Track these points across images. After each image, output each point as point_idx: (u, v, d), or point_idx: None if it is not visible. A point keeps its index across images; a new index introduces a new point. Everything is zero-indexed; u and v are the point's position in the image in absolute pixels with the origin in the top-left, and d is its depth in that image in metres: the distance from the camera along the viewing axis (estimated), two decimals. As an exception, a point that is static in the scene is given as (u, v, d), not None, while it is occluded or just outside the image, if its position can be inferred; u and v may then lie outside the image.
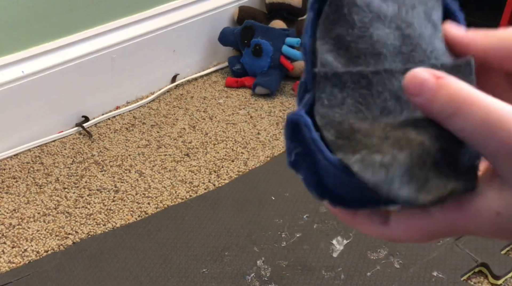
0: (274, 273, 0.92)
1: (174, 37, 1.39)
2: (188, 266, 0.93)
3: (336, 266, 0.92)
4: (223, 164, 1.16)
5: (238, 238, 0.98)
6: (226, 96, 1.38)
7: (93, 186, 1.11)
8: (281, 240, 0.98)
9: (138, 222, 1.02)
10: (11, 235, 1.00)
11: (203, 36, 1.45)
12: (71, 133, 1.26)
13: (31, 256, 0.96)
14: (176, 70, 1.43)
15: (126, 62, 1.31)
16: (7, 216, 1.04)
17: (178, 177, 1.13)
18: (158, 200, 1.07)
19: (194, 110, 1.33)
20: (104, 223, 1.03)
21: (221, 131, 1.26)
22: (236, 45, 1.43)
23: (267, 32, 1.37)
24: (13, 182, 1.12)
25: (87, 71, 1.25)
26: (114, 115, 1.31)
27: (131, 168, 1.16)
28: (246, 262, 0.94)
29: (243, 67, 1.41)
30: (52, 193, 1.09)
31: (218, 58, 1.51)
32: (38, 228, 1.02)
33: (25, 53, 1.16)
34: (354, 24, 0.30)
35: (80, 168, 1.15)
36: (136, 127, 1.28)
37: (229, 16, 1.48)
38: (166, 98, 1.38)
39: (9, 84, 1.14)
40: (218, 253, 0.96)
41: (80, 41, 1.23)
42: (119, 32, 1.29)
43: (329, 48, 0.30)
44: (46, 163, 1.17)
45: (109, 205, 1.06)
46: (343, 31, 0.30)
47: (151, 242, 0.98)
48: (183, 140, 1.23)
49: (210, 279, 0.91)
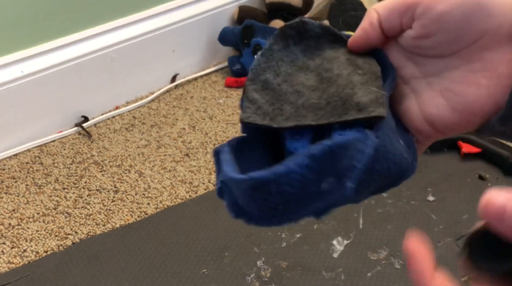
0: (274, 273, 0.92)
1: (174, 37, 1.38)
2: (188, 266, 0.93)
3: (337, 267, 0.92)
4: (223, 164, 1.16)
5: (238, 238, 0.98)
6: (226, 96, 1.38)
7: (93, 186, 1.11)
8: (281, 240, 0.97)
9: (137, 222, 1.02)
10: (11, 235, 1.00)
11: (203, 36, 1.45)
12: (70, 133, 1.25)
13: (31, 257, 0.96)
14: (176, 70, 1.43)
15: (125, 62, 1.31)
16: (6, 216, 1.04)
17: (178, 177, 1.13)
18: (158, 200, 1.07)
19: (194, 110, 1.33)
20: (104, 223, 1.02)
21: (221, 131, 1.26)
22: (236, 45, 1.43)
23: (267, 32, 1.37)
24: (12, 182, 1.12)
25: (87, 71, 1.25)
26: (114, 115, 1.31)
27: (130, 168, 1.15)
28: (246, 263, 0.94)
29: (243, 67, 1.41)
30: (52, 193, 1.09)
31: (218, 58, 1.50)
32: (38, 228, 1.01)
33: (24, 53, 1.15)
34: (279, 73, 0.37)
35: (80, 168, 1.15)
36: (136, 127, 1.28)
37: (229, 16, 1.48)
38: (165, 98, 1.38)
39: (8, 84, 1.14)
40: (218, 253, 0.95)
41: (79, 41, 1.22)
42: (118, 32, 1.28)
43: (257, 88, 0.36)
44: (46, 163, 1.17)
45: (108, 205, 1.06)
46: (270, 77, 0.37)
47: (151, 242, 0.98)
48: (183, 141, 1.23)
49: (210, 279, 0.91)
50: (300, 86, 0.36)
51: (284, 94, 0.36)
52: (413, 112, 0.37)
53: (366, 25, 0.37)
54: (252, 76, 0.37)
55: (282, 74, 0.37)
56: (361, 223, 0.99)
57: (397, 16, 0.36)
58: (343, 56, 0.37)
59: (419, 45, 0.36)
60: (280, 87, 0.36)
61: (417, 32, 0.35)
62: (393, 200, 1.03)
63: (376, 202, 1.02)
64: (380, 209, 1.01)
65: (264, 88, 0.36)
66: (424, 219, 0.99)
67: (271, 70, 0.37)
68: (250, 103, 0.36)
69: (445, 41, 0.35)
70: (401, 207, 1.01)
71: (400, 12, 0.35)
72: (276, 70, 0.37)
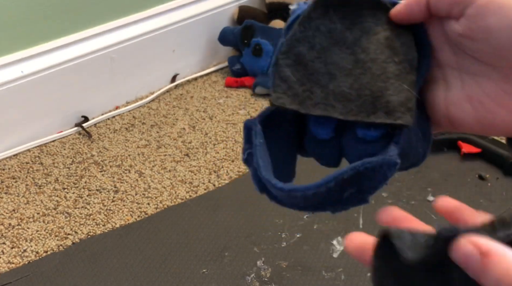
0: (274, 273, 0.92)
1: (174, 37, 1.38)
2: (188, 266, 0.93)
3: (337, 267, 0.92)
4: (223, 164, 1.16)
5: (238, 238, 0.98)
6: (226, 96, 1.38)
7: (93, 186, 1.11)
8: (281, 240, 0.97)
9: (137, 222, 1.02)
10: (11, 236, 1.00)
11: (203, 36, 1.45)
12: (70, 133, 1.25)
13: (31, 257, 0.96)
14: (176, 70, 1.43)
15: (125, 62, 1.31)
16: (6, 216, 1.04)
17: (178, 177, 1.13)
18: (158, 200, 1.07)
19: (194, 110, 1.33)
20: (104, 223, 1.02)
21: (221, 131, 1.26)
22: (236, 45, 1.43)
23: (267, 32, 1.37)
24: (12, 182, 1.12)
25: (87, 71, 1.25)
26: (114, 115, 1.31)
27: (130, 168, 1.15)
28: (246, 263, 0.94)
29: (243, 67, 1.41)
30: (52, 193, 1.09)
31: (218, 58, 1.50)
32: (38, 228, 1.01)
33: (24, 53, 1.15)
34: (314, 46, 0.35)
35: (80, 168, 1.15)
36: (136, 127, 1.28)
37: (229, 16, 1.48)
38: (165, 98, 1.38)
39: (8, 84, 1.14)
40: (218, 253, 0.95)
41: (79, 41, 1.22)
42: (118, 32, 1.28)
43: (289, 63, 0.35)
44: (46, 163, 1.17)
45: (108, 205, 1.06)
46: (304, 50, 0.35)
47: (151, 242, 0.98)
48: (183, 141, 1.23)
49: (210, 279, 0.91)
50: (333, 66, 0.35)
51: (316, 73, 0.35)
52: (438, 105, 0.37)
53: (412, 1, 0.35)
54: (285, 48, 0.36)
55: (317, 47, 0.35)
56: (361, 223, 0.99)
57: (447, 4, 0.34)
58: (383, 32, 0.35)
59: (462, 41, 0.34)
60: (313, 64, 0.35)
61: (463, 30, 0.33)
62: (393, 200, 1.03)
63: (376, 202, 1.02)
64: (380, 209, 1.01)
65: (297, 63, 0.35)
66: (424, 219, 0.98)
67: (306, 42, 0.35)
68: (280, 81, 0.35)
69: (488, 53, 0.33)
70: (401, 207, 1.00)
71: (450, 2, 0.33)
72: (311, 42, 0.35)
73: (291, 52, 0.35)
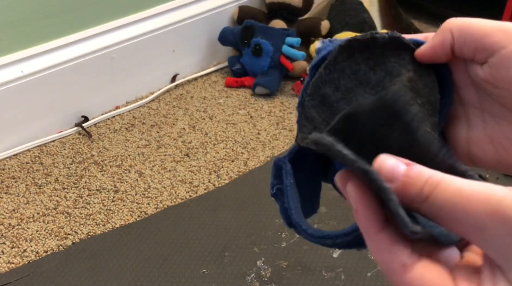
0: (274, 273, 0.92)
1: (174, 37, 1.38)
2: (188, 266, 0.93)
3: (337, 267, 0.92)
4: (223, 164, 1.16)
5: (238, 238, 0.98)
6: (226, 96, 1.38)
7: (93, 186, 1.11)
8: (281, 240, 0.97)
9: (137, 222, 1.02)
10: (11, 235, 1.00)
11: (203, 36, 1.45)
12: (70, 133, 1.25)
13: (31, 257, 0.96)
14: (176, 70, 1.43)
15: (125, 62, 1.31)
16: (6, 216, 1.04)
17: (178, 177, 1.13)
18: (158, 200, 1.07)
19: (194, 110, 1.33)
20: (104, 223, 1.02)
21: (221, 131, 1.26)
22: (236, 45, 1.43)
23: (267, 32, 1.37)
24: (12, 182, 1.12)
25: (87, 71, 1.25)
26: (114, 115, 1.31)
27: (130, 168, 1.15)
28: (246, 263, 0.94)
29: (243, 67, 1.41)
30: (52, 193, 1.09)
31: (218, 58, 1.50)
32: (38, 228, 1.01)
33: (24, 53, 1.15)
34: (339, 87, 0.36)
35: (80, 168, 1.15)
36: (136, 127, 1.28)
37: (229, 16, 1.48)
38: (165, 98, 1.38)
39: (8, 84, 1.14)
40: (218, 253, 0.95)
41: (79, 41, 1.22)
42: (118, 32, 1.28)
43: (315, 104, 0.36)
44: (46, 163, 1.17)
45: (108, 205, 1.06)
46: (329, 91, 0.36)
47: (151, 242, 0.98)
48: (183, 141, 1.23)
49: (210, 279, 0.91)
50: None
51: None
52: (459, 143, 0.37)
53: (437, 44, 0.35)
54: (312, 90, 0.37)
55: (342, 89, 0.36)
56: (361, 223, 0.99)
57: (472, 50, 0.34)
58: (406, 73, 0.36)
59: (484, 85, 0.34)
60: (338, 105, 0.36)
61: (486, 76, 0.34)
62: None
63: (376, 202, 1.02)
64: (380, 209, 1.01)
65: (322, 104, 0.36)
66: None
67: (331, 83, 0.36)
68: (306, 122, 0.36)
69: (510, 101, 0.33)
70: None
71: (475, 48, 0.33)
72: (337, 83, 0.36)
73: (317, 93, 0.36)
